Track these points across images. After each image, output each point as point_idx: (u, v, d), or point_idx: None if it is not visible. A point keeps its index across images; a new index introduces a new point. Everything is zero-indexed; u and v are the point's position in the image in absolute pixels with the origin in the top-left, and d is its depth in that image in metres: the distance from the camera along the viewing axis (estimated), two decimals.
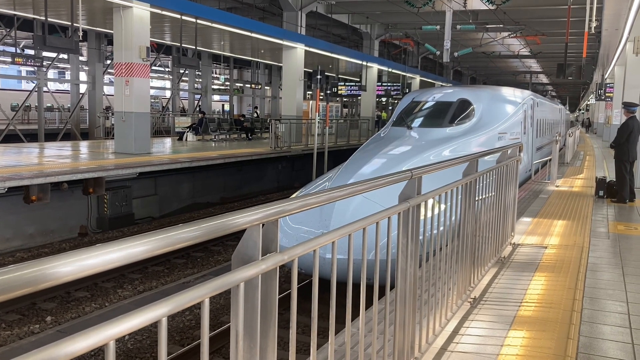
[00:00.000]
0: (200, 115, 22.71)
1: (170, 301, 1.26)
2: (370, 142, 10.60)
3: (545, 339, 3.61)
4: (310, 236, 6.60)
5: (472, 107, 10.65)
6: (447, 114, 10.45)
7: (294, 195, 6.77)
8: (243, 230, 1.62)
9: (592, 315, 4.11)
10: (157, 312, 1.21)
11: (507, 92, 12.25)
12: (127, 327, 1.13)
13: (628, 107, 9.55)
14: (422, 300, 3.14)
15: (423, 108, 11.04)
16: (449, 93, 11.34)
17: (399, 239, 2.79)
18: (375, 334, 2.48)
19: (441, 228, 3.37)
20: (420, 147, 9.48)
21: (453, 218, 3.58)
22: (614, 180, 9.89)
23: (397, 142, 9.79)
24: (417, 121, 10.63)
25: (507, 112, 11.13)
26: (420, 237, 3.00)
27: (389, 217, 2.56)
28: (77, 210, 12.80)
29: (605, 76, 30.94)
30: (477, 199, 4.13)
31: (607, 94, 28.15)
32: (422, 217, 2.99)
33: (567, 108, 48.39)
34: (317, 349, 1.99)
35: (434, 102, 11.03)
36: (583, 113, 65.91)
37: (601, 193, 9.92)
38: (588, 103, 55.97)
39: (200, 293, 1.35)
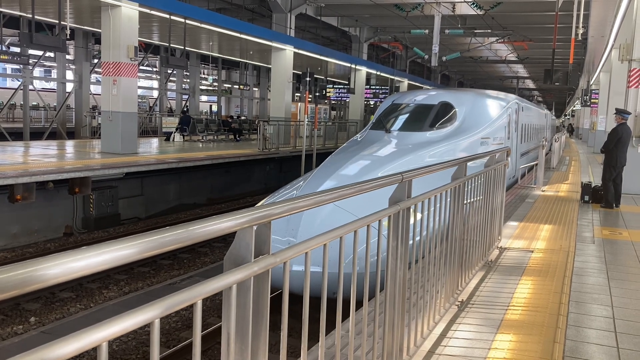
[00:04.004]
0: (181, 114, 22.62)
1: (162, 303, 1.25)
2: (344, 147, 10.02)
3: (531, 343, 3.64)
4: (279, 245, 6.06)
5: (454, 110, 10.24)
6: (428, 118, 10.03)
7: (260, 203, 6.39)
8: (232, 233, 1.61)
9: (578, 319, 4.14)
10: (149, 314, 1.20)
11: (491, 95, 11.83)
12: (120, 329, 1.12)
13: (622, 113, 9.63)
14: (410, 302, 3.15)
15: (403, 111, 10.59)
16: (430, 96, 10.90)
17: (389, 242, 2.79)
18: (365, 336, 2.48)
19: (430, 231, 3.38)
20: (398, 152, 9.06)
21: (442, 221, 3.59)
22: (601, 185, 9.99)
23: (373, 147, 9.29)
24: (396, 124, 10.17)
25: (491, 117, 10.70)
26: (410, 241, 3.01)
27: (379, 220, 2.57)
28: (63, 210, 12.67)
29: (591, 82, 31.29)
30: (465, 202, 4.16)
31: (592, 100, 28.48)
32: (412, 220, 3.00)
33: (553, 113, 48.81)
34: (307, 351, 1.98)
35: (414, 105, 10.57)
36: (569, 118, 66.61)
37: (586, 198, 10.02)
38: (574, 109, 56.55)
39: (193, 295, 1.34)
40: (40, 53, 27.69)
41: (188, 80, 34.35)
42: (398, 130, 9.96)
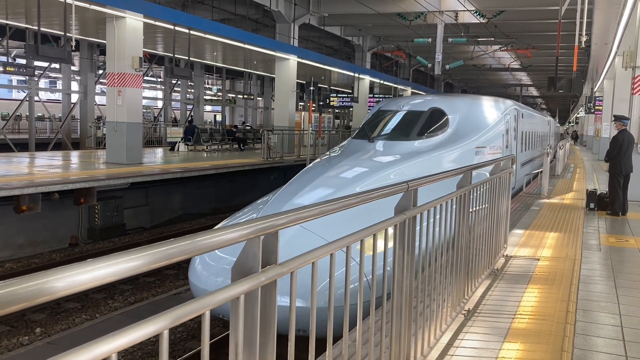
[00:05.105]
0: (186, 124, 22.75)
1: (171, 314, 1.26)
2: (319, 160, 9.12)
3: (539, 352, 3.62)
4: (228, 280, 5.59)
5: (446, 117, 9.46)
6: (416, 125, 9.19)
7: (218, 226, 5.60)
8: None
9: (586, 328, 4.12)
10: (158, 325, 1.21)
11: (487, 101, 11.05)
12: (129, 340, 1.13)
13: (621, 119, 9.59)
14: (417, 311, 3.14)
15: (390, 118, 9.76)
16: (420, 102, 10.11)
17: (395, 251, 2.79)
18: (372, 345, 2.48)
19: (436, 240, 3.37)
20: (381, 163, 8.17)
21: (447, 229, 3.58)
22: (606, 192, 9.95)
23: (352, 159, 8.39)
24: (381, 133, 9.35)
25: (487, 124, 9.92)
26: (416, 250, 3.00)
27: (385, 229, 2.57)
28: (68, 221, 12.71)
29: (595, 89, 31.27)
30: (470, 210, 4.15)
31: (596, 107, 28.45)
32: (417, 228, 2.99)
33: (557, 120, 48.69)
34: None
35: (402, 112, 9.72)
36: (572, 126, 66.51)
37: (592, 205, 9.98)
38: (578, 116, 56.49)
39: (201, 305, 1.34)
40: (45, 64, 27.88)
41: (192, 91, 34.51)
42: (383, 139, 9.13)
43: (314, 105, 22.34)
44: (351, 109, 31.25)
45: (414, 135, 9.02)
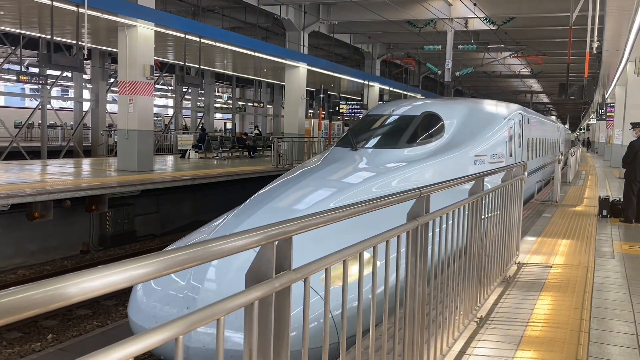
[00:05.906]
0: (200, 131, 22.86)
1: (186, 319, 1.25)
2: (297, 169, 8.23)
3: None
4: (170, 310, 4.94)
5: (441, 123, 8.68)
6: (407, 132, 8.40)
7: (167, 248, 4.78)
8: None
9: (600, 336, 4.07)
10: (173, 331, 1.21)
11: (489, 105, 10.29)
12: (145, 345, 1.13)
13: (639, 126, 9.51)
14: (429, 319, 3.12)
15: (378, 124, 9.00)
16: (413, 106, 9.28)
17: (407, 258, 2.78)
18: (385, 353, 2.47)
19: (448, 246, 3.35)
20: (363, 175, 7.41)
21: (460, 236, 3.56)
22: (619, 199, 9.86)
23: (331, 169, 7.58)
24: (367, 140, 8.50)
25: (487, 130, 9.15)
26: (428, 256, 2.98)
27: (398, 236, 2.55)
28: (80, 228, 12.78)
29: (606, 96, 31.09)
30: (482, 217, 4.13)
31: (607, 114, 28.27)
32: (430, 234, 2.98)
33: (567, 127, 48.34)
34: None
35: (392, 117, 8.96)
36: (584, 132, 66.11)
37: (604, 212, 9.89)
38: (589, 122, 56.15)
39: (216, 311, 1.34)
40: (58, 73, 28.15)
41: (203, 98, 34.70)
42: (368, 147, 8.31)
43: (323, 112, 22.40)
44: (360, 117, 31.27)
45: (403, 143, 8.22)
